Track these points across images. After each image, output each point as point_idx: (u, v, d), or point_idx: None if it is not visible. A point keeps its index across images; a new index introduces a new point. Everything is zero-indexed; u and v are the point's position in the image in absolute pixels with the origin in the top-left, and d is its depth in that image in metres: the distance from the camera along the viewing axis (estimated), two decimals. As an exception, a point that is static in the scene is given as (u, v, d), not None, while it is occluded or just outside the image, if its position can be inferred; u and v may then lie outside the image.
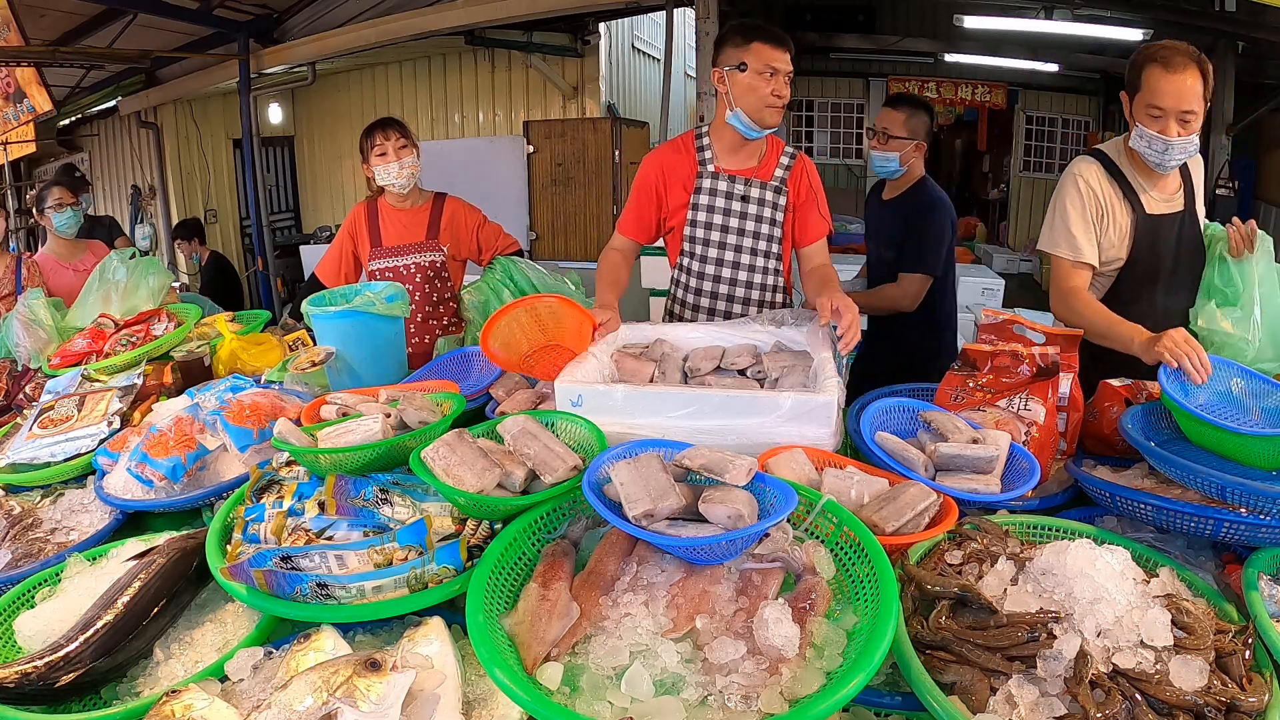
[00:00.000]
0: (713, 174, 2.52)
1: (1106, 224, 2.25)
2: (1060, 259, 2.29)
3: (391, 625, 1.27)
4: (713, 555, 1.21)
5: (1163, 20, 6.83)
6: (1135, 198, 2.24)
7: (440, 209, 3.25)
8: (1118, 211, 2.25)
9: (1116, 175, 2.26)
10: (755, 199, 2.52)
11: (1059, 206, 2.30)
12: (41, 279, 3.51)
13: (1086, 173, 2.27)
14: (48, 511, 1.83)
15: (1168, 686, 1.02)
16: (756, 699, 1.00)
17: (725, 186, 2.51)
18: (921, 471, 1.55)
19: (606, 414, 1.67)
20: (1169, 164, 2.16)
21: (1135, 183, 2.25)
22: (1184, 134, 2.09)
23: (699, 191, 2.52)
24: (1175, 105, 2.06)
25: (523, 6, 6.62)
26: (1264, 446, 1.48)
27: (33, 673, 1.15)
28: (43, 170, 10.69)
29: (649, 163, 2.60)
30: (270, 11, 7.74)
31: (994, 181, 12.70)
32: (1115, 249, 2.27)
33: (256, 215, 8.61)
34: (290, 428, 1.56)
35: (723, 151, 2.53)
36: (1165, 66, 2.06)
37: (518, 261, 3.15)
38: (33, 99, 7.80)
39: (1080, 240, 2.25)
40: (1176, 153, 2.12)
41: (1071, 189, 2.28)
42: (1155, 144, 2.12)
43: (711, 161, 2.52)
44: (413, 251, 3.19)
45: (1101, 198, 2.24)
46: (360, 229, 3.22)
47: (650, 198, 2.57)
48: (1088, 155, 2.32)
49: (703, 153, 2.54)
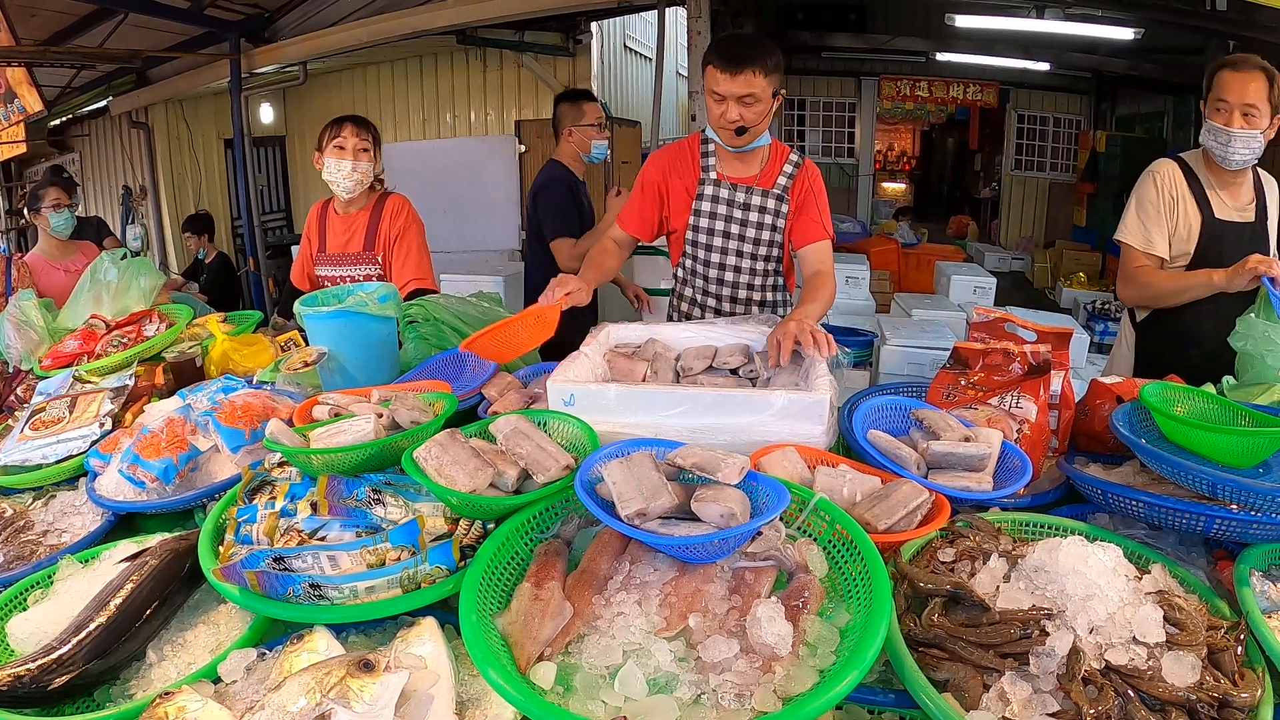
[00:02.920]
0: (714, 181, 2.53)
1: (1178, 220, 2.47)
2: (1131, 247, 2.54)
3: (384, 626, 1.26)
4: (705, 554, 1.22)
5: (1154, 20, 6.86)
6: (1206, 200, 2.45)
7: (380, 215, 2.98)
8: (1189, 210, 2.46)
9: (1191, 177, 2.48)
10: (756, 207, 2.53)
11: (1136, 200, 2.54)
12: (32, 280, 3.50)
13: (1163, 171, 2.51)
14: (39, 513, 1.83)
15: (1160, 683, 1.03)
16: (750, 697, 1.00)
17: (726, 194, 2.53)
18: (914, 469, 1.55)
19: (599, 413, 1.67)
20: (1233, 158, 2.35)
21: (1209, 186, 2.46)
22: (1246, 126, 2.30)
23: (700, 198, 2.54)
24: (1239, 99, 2.29)
25: (514, 6, 6.61)
26: (1235, 443, 1.49)
27: (25, 675, 1.14)
28: (33, 171, 10.64)
29: (654, 162, 2.61)
30: (261, 11, 7.71)
31: (986, 180, 12.76)
32: (1183, 244, 2.48)
33: (248, 215, 8.58)
34: (282, 428, 1.55)
35: (724, 158, 2.54)
36: (1234, 69, 2.32)
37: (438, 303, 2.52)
38: (23, 99, 7.76)
39: (1152, 232, 2.49)
40: (1239, 145, 2.33)
41: (1149, 185, 2.51)
42: (1220, 136, 2.34)
43: (713, 169, 2.54)
44: (349, 262, 2.98)
45: (1175, 194, 2.47)
46: (312, 230, 3.06)
47: (653, 196, 2.58)
48: (1167, 158, 2.54)
49: (706, 159, 2.55)
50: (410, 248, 2.97)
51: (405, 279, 2.93)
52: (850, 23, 9.75)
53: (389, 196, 3.03)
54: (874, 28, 9.92)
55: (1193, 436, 1.52)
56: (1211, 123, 2.36)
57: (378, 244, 2.95)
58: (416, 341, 2.39)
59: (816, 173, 2.60)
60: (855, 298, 5.87)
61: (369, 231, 2.96)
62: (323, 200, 3.10)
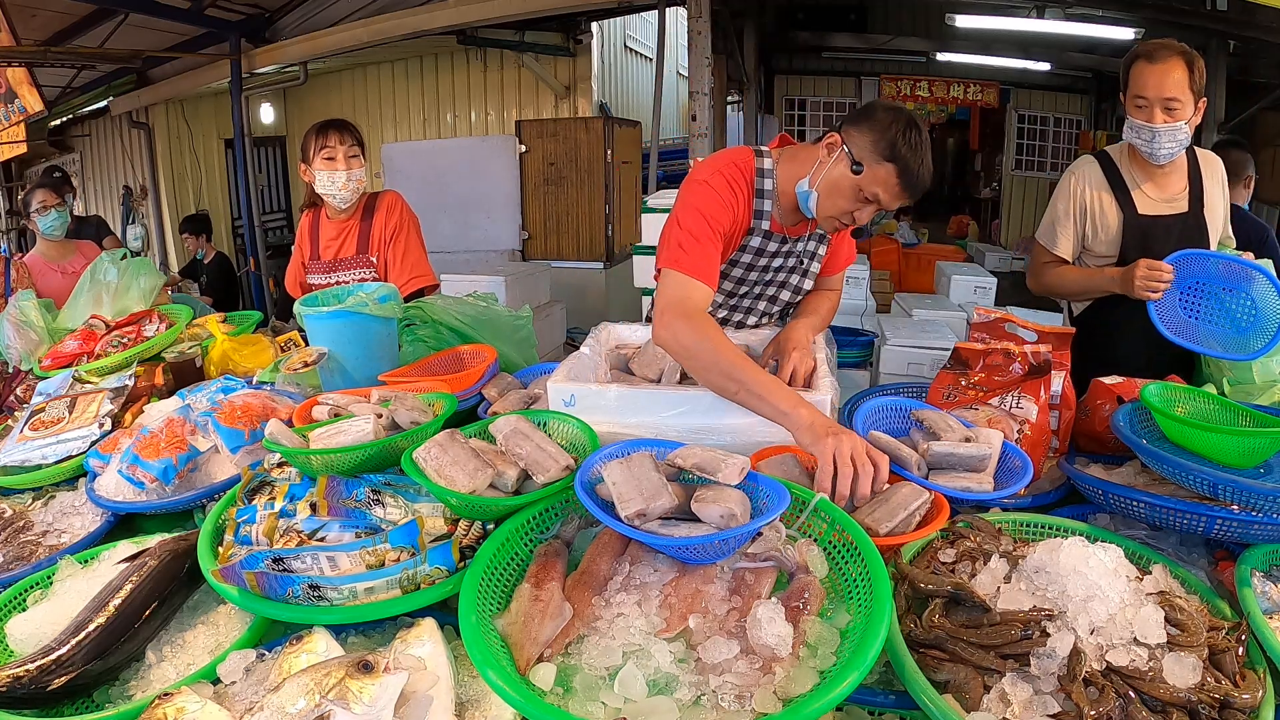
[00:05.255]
0: (765, 232, 2.06)
1: (1090, 221, 2.40)
2: (1041, 246, 2.53)
3: (384, 626, 1.26)
4: (705, 555, 1.21)
5: (1154, 19, 6.87)
6: (1128, 198, 2.34)
7: (372, 214, 2.91)
8: (1107, 209, 2.37)
9: (1112, 175, 2.37)
10: (799, 253, 2.16)
11: (1052, 201, 2.49)
12: (31, 280, 3.50)
13: (1080, 171, 2.43)
14: (39, 514, 1.82)
15: (1161, 684, 1.03)
16: (750, 698, 1.00)
17: (774, 247, 2.11)
18: (914, 470, 1.55)
19: (599, 414, 1.67)
20: (1159, 153, 2.25)
21: (1131, 182, 2.35)
22: (1169, 120, 2.18)
23: (744, 250, 2.09)
24: (1158, 93, 2.17)
25: (515, 6, 6.62)
26: (1236, 443, 1.49)
27: (25, 676, 1.14)
28: (34, 171, 10.65)
29: (725, 204, 1.97)
30: (262, 11, 7.72)
31: (986, 180, 12.77)
32: (1104, 245, 2.39)
33: (248, 215, 8.60)
34: (282, 429, 1.55)
35: (783, 207, 2.04)
36: (1149, 59, 2.18)
37: (435, 304, 2.49)
38: (24, 99, 7.78)
39: (1058, 233, 2.46)
40: (1164, 140, 2.21)
41: (1062, 186, 2.46)
42: (1143, 133, 2.23)
43: (768, 217, 2.04)
44: (343, 268, 2.90)
45: (1086, 197, 2.39)
46: (304, 238, 3.00)
47: (719, 243, 1.97)
48: (1090, 155, 2.46)
49: (761, 200, 2.03)
50: (407, 245, 2.92)
51: (405, 277, 2.89)
52: (850, 23, 9.76)
53: (381, 195, 2.98)
54: (874, 28, 9.94)
55: (1194, 437, 1.52)
56: (1133, 120, 2.24)
57: (372, 244, 2.90)
58: (414, 344, 2.38)
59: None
60: (855, 298, 5.86)
61: (362, 232, 2.91)
62: (310, 210, 3.03)
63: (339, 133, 2.79)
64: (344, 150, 2.77)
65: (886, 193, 1.85)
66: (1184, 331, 2.14)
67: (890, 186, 1.84)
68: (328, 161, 2.77)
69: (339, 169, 2.77)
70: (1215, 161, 2.40)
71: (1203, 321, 2.16)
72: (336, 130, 2.79)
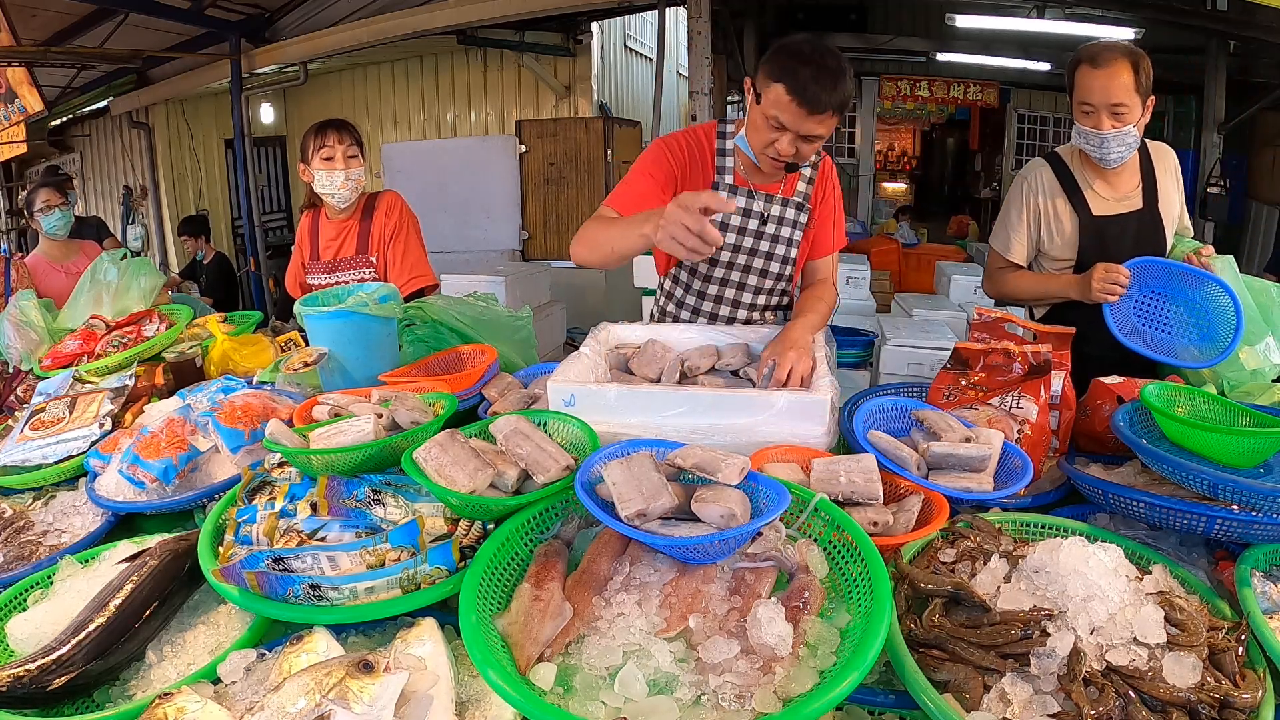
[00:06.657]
0: (730, 186, 2.19)
1: (1044, 224, 2.38)
2: (995, 252, 2.51)
3: (384, 626, 1.26)
4: (705, 555, 1.21)
5: (1154, 19, 6.87)
6: (1081, 200, 2.33)
7: (372, 214, 2.91)
8: (1061, 212, 2.36)
9: (1064, 177, 2.35)
10: (775, 218, 2.24)
11: (1004, 206, 2.49)
12: (31, 281, 3.50)
13: (1032, 175, 2.41)
14: (39, 514, 1.82)
15: (1161, 684, 1.03)
16: (750, 698, 1.00)
17: (743, 203, 2.20)
18: (914, 470, 1.55)
19: (599, 414, 1.67)
20: (1109, 158, 2.24)
21: (1084, 183, 2.34)
22: (1117, 126, 2.17)
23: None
24: (1104, 99, 2.15)
25: (515, 6, 6.62)
26: (1236, 443, 1.49)
27: (25, 676, 1.14)
28: (34, 171, 10.66)
29: (667, 150, 2.17)
30: (262, 11, 7.73)
31: (986, 180, 12.77)
32: (1060, 248, 2.38)
33: (249, 215, 8.60)
34: (282, 428, 1.55)
35: (745, 162, 2.18)
36: (1093, 64, 2.16)
37: (435, 304, 2.48)
38: (24, 99, 7.78)
39: (1012, 238, 2.44)
40: (1113, 145, 2.20)
41: (1014, 190, 2.45)
42: (1091, 139, 2.22)
43: (730, 171, 2.18)
44: (342, 268, 2.90)
45: (1040, 201, 2.37)
46: (304, 239, 3.01)
47: (656, 191, 2.11)
48: (1041, 158, 2.43)
49: (723, 158, 2.19)
50: (407, 245, 2.92)
51: (405, 277, 2.89)
52: (850, 23, 9.76)
53: (380, 195, 2.98)
54: (874, 28, 9.93)
55: (1194, 437, 1.52)
56: (1081, 126, 2.22)
57: (372, 244, 2.90)
58: (414, 344, 2.38)
59: (834, 170, 2.36)
60: (855, 298, 5.88)
61: (361, 233, 2.91)
62: (309, 211, 3.04)
63: (338, 132, 2.80)
64: (343, 150, 2.78)
65: (784, 112, 1.93)
66: (1137, 336, 2.15)
67: (783, 104, 1.92)
68: (326, 161, 2.78)
69: (337, 169, 2.78)
70: (1166, 152, 2.39)
71: (1157, 329, 2.17)
72: (335, 130, 2.80)
